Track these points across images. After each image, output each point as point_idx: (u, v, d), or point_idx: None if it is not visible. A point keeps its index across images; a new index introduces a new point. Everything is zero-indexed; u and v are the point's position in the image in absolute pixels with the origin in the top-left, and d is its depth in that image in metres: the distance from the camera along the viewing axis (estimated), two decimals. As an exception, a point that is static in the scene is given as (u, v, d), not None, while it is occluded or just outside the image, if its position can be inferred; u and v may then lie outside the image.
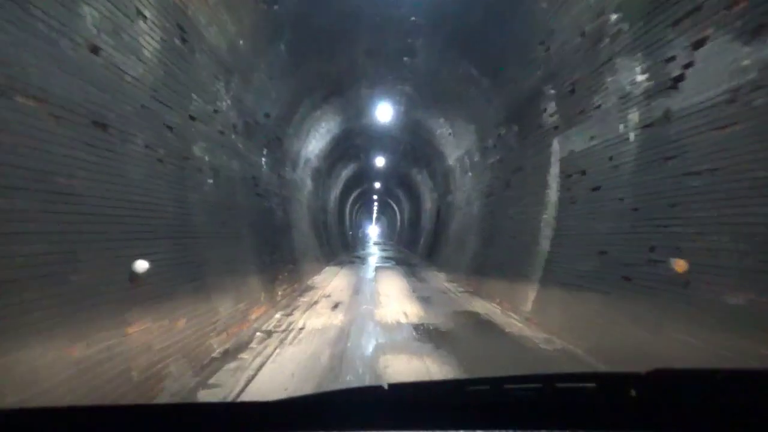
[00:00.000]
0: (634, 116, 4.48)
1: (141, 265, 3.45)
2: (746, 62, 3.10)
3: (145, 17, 3.79)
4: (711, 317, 3.23)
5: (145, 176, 3.83)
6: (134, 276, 3.42)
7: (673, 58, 3.84)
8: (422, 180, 19.95)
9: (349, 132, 14.23)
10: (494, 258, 8.76)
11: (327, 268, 13.91)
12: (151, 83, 3.98)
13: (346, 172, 20.86)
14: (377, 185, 27.67)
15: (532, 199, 7.16)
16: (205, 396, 3.41)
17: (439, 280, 11.29)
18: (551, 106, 6.37)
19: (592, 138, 5.33)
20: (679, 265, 3.52)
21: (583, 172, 5.54)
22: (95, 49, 3.18)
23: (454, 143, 12.34)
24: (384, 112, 12.54)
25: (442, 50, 8.16)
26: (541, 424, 0.87)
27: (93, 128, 3.16)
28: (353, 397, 1.06)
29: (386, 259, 18.96)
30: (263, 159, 8.07)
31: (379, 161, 19.70)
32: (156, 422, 0.87)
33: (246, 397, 3.34)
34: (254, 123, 7.31)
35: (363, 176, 23.73)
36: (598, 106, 5.14)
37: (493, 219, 9.43)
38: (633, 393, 0.96)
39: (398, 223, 36.85)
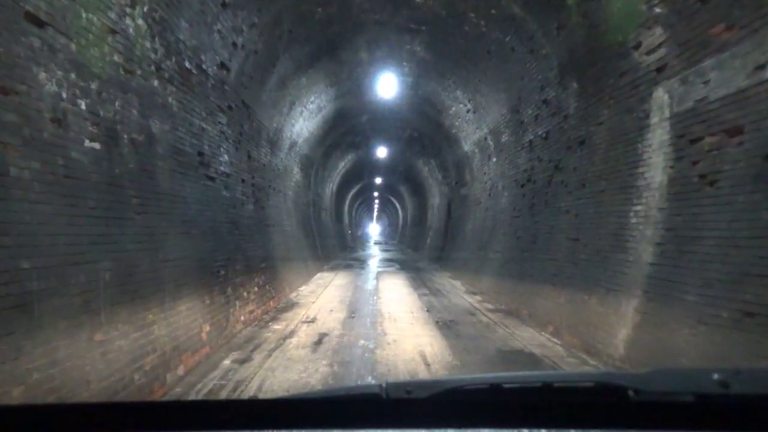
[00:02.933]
0: None
1: None
2: None
3: None
4: None
5: None
6: None
7: None
8: (429, 172, 17.67)
9: (344, 112, 11.93)
10: (538, 267, 6.45)
11: (318, 275, 11.58)
12: None
13: (343, 164, 18.60)
14: (378, 180, 25.48)
15: (610, 184, 4.85)
16: None
17: (457, 292, 8.96)
18: (654, 37, 4.03)
19: (761, 67, 3.00)
20: None
21: (737, 131, 3.20)
22: None
23: (474, 122, 10.00)
24: (387, 85, 10.21)
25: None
26: (539, 423, 0.79)
27: None
28: (351, 395, 1.07)
29: (389, 262, 16.62)
30: (220, 129, 5.75)
31: (381, 151, 17.42)
32: (151, 420, 0.81)
33: None
34: (200, 72, 4.99)
35: (363, 169, 21.48)
36: (781, 6, 2.82)
37: (533, 215, 7.11)
38: (631, 393, 0.92)
39: (400, 222, 34.86)
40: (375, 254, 21.19)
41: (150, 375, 3.29)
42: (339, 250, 19.58)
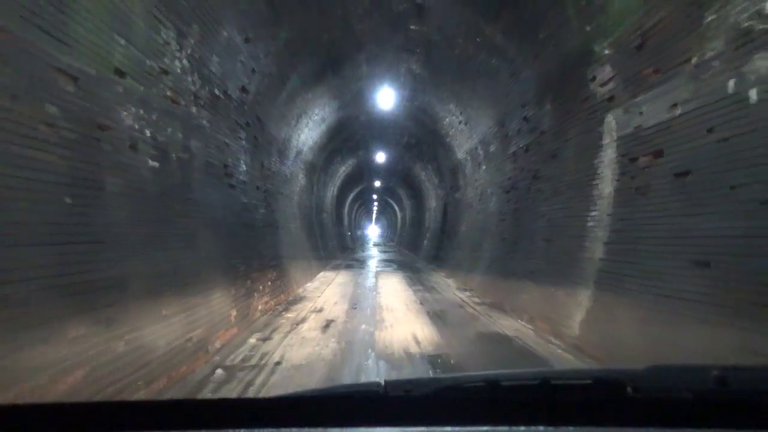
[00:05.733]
0: (758, 64, 3.02)
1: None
2: None
3: None
4: None
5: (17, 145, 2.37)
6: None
7: None
8: (426, 176, 18.50)
9: (346, 121, 12.78)
10: (520, 265, 7.29)
11: (321, 273, 12.43)
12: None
13: (344, 169, 19.42)
14: (377, 183, 26.25)
15: (574, 192, 5.71)
16: None
17: (450, 289, 9.81)
18: (605, 71, 4.90)
19: (674, 106, 3.86)
20: None
21: (659, 154, 4.07)
22: None
23: (467, 132, 10.86)
24: (386, 98, 11.09)
25: (458, 11, 6.70)
26: (537, 420, 0.82)
27: None
28: (350, 394, 1.07)
29: (387, 262, 17.46)
30: (240, 143, 6.60)
31: (380, 156, 18.28)
32: (152, 419, 0.84)
33: None
34: (225, 96, 5.84)
35: (362, 173, 22.29)
36: (687, 60, 3.68)
37: (517, 218, 7.96)
38: (629, 389, 0.94)
39: (399, 224, 35.54)
40: (374, 255, 22.01)
41: (197, 345, 4.13)
42: (339, 251, 20.39)
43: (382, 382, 1.00)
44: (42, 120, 2.64)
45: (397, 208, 34.45)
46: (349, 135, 14.51)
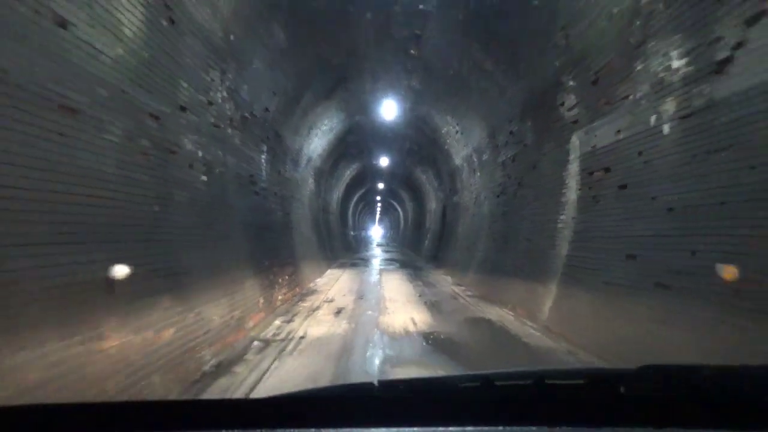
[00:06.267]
0: (669, 106, 4.02)
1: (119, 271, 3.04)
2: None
3: (125, -8, 3.37)
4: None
5: (120, 169, 3.40)
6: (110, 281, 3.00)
7: (719, 39, 3.39)
8: (427, 180, 19.49)
9: (352, 129, 13.80)
10: (507, 261, 8.29)
11: (329, 271, 13.46)
12: (130, 65, 3.54)
13: (348, 172, 20.42)
14: (380, 185, 27.21)
15: (549, 198, 6.71)
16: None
17: (447, 283, 10.83)
18: (571, 99, 5.91)
19: (618, 132, 4.86)
20: (728, 271, 3.07)
21: (608, 170, 5.08)
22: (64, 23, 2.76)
23: (462, 141, 11.87)
24: (389, 109, 12.11)
25: (451, 40, 7.71)
26: (531, 420, 0.85)
27: (52, 110, 2.73)
28: (344, 394, 1.06)
29: (390, 261, 18.48)
30: (262, 156, 7.64)
31: (383, 161, 19.27)
32: (151, 420, 0.86)
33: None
34: (252, 116, 6.87)
35: (366, 176, 23.28)
36: (626, 97, 4.68)
37: (505, 220, 8.96)
38: (622, 389, 0.96)
39: (401, 225, 36.38)
40: (377, 255, 23.02)
41: (237, 323, 5.16)
42: (344, 251, 21.40)
43: (376, 383, 1.01)
44: (140, 151, 3.67)
45: (399, 209, 35.32)
46: (354, 142, 15.52)
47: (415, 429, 0.85)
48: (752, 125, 3.11)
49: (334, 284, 10.35)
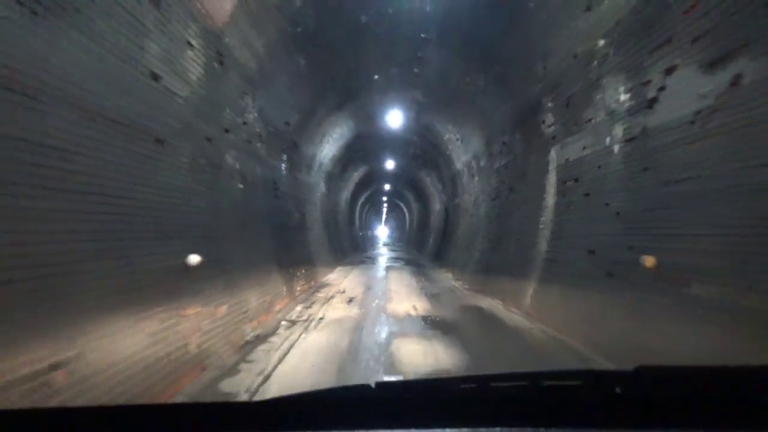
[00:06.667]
0: (618, 131, 5.01)
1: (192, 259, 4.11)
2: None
3: (190, 44, 4.42)
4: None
5: (186, 182, 4.46)
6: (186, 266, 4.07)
7: (649, 82, 4.38)
8: (431, 182, 20.46)
9: (360, 136, 14.83)
10: (500, 258, 9.28)
11: (339, 267, 14.51)
12: (194, 102, 4.60)
13: (356, 175, 21.45)
14: (387, 187, 28.19)
15: (533, 203, 7.69)
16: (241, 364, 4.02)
17: (446, 279, 11.84)
18: (549, 118, 6.90)
19: (584, 148, 5.86)
20: (649, 261, 4.07)
21: (577, 180, 6.07)
22: (155, 76, 3.82)
23: (462, 148, 12.87)
24: (395, 118, 13.13)
25: (450, 62, 8.72)
26: (528, 421, 0.87)
27: (140, 141, 3.80)
28: (341, 396, 1.07)
29: (396, 259, 19.52)
30: (282, 164, 8.70)
31: (389, 164, 20.28)
32: (151, 422, 0.88)
33: (270, 382, 3.93)
34: (275, 131, 7.94)
35: (373, 178, 24.29)
36: (589, 120, 5.67)
37: (499, 222, 9.95)
38: (618, 390, 0.98)
39: (407, 225, 37.17)
40: (383, 254, 24.07)
41: (267, 306, 6.22)
42: (352, 250, 22.45)
43: (373, 385, 1.02)
44: (200, 167, 4.73)
45: (405, 210, 36.21)
46: (362, 147, 16.57)
47: (413, 431, 0.86)
48: (668, 151, 4.11)
49: (344, 279, 11.40)
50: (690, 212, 3.81)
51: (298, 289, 8.41)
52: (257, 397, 3.32)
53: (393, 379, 3.64)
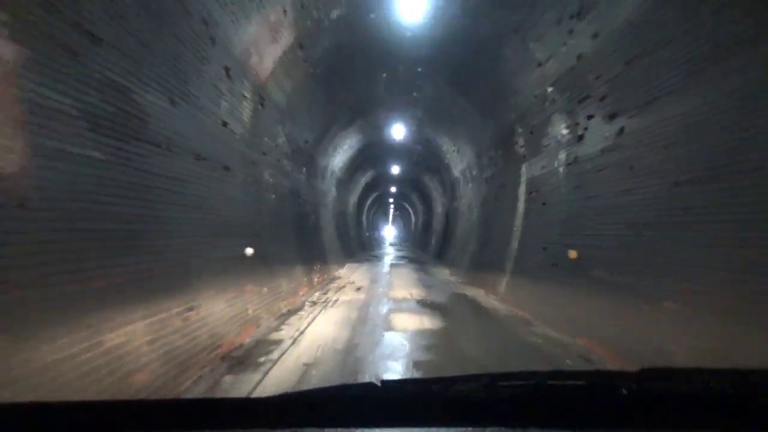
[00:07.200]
0: (562, 156, 6.63)
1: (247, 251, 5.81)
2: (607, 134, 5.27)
3: (245, 96, 6.12)
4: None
5: (242, 200, 6.16)
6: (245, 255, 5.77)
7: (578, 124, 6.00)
8: (433, 186, 22.05)
9: (367, 145, 16.49)
10: (486, 256, 10.90)
11: (348, 264, 16.20)
12: (245, 136, 6.30)
13: (363, 180, 23.10)
14: (393, 189, 29.75)
15: (509, 209, 9.31)
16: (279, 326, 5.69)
17: (443, 274, 13.48)
18: (521, 141, 8.52)
19: (542, 167, 7.48)
20: (572, 254, 5.70)
21: (537, 191, 7.69)
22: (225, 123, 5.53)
23: (458, 158, 14.50)
24: (398, 131, 14.79)
25: (443, 90, 10.37)
26: (532, 421, 0.87)
27: (218, 170, 5.51)
28: (346, 394, 1.08)
29: (400, 258, 21.18)
30: (302, 175, 10.40)
31: (395, 169, 21.91)
32: (151, 419, 0.89)
33: (301, 345, 5.58)
34: (297, 149, 9.64)
35: (379, 182, 25.91)
36: (546, 146, 7.29)
37: (487, 224, 11.57)
38: (623, 391, 0.98)
39: (413, 226, 38.54)
40: (389, 253, 25.73)
41: (294, 291, 7.91)
42: (359, 250, 24.13)
43: (378, 383, 1.02)
44: (248, 184, 6.42)
45: (411, 211, 37.59)
46: (369, 155, 18.25)
47: (417, 429, 0.87)
48: (588, 175, 5.73)
49: (353, 273, 13.08)
50: (597, 220, 5.44)
51: (315, 280, 10.10)
52: (295, 346, 4.97)
53: (398, 377, 3.68)
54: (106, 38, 3.17)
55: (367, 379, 3.88)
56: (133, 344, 3.19)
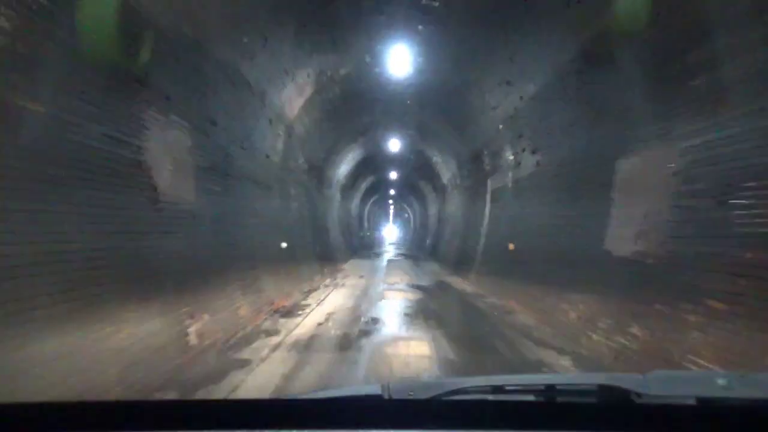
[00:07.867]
0: (510, 176, 9.04)
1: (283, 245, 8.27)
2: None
3: (279, 134, 8.55)
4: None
5: (278, 208, 8.59)
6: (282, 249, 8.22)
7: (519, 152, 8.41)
8: (428, 191, 24.42)
9: (368, 156, 18.90)
10: (466, 252, 13.30)
11: (351, 260, 18.61)
12: (279, 163, 8.73)
13: (364, 185, 25.47)
14: (392, 192, 32.09)
15: (480, 214, 11.72)
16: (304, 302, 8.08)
17: (433, 267, 15.91)
18: (487, 160, 10.93)
19: (499, 183, 9.89)
20: (511, 246, 8.13)
21: (498, 200, 10.10)
22: (267, 155, 7.97)
23: (445, 168, 16.91)
24: (394, 145, 17.20)
25: (429, 116, 12.79)
26: (541, 426, 0.86)
27: (265, 189, 7.96)
28: (352, 397, 1.10)
29: (398, 255, 23.63)
30: (315, 185, 12.82)
31: (393, 174, 24.30)
32: (151, 419, 0.87)
33: (323, 306, 7.97)
34: (311, 166, 12.06)
35: (379, 186, 28.25)
36: (501, 166, 9.70)
37: (466, 227, 13.98)
38: (632, 396, 0.99)
39: (412, 226, 40.59)
40: (389, 251, 28.11)
41: (311, 277, 10.33)
42: (361, 248, 26.49)
43: (386, 385, 1.02)
44: (282, 198, 8.85)
45: (410, 212, 39.67)
46: (369, 164, 20.63)
47: None
48: (523, 193, 8.15)
49: (356, 266, 15.52)
50: (527, 224, 7.86)
51: (325, 270, 12.51)
52: (319, 306, 7.35)
53: (403, 381, 3.71)
54: (219, 122, 5.61)
55: (364, 319, 6.30)
56: (236, 295, 5.64)
